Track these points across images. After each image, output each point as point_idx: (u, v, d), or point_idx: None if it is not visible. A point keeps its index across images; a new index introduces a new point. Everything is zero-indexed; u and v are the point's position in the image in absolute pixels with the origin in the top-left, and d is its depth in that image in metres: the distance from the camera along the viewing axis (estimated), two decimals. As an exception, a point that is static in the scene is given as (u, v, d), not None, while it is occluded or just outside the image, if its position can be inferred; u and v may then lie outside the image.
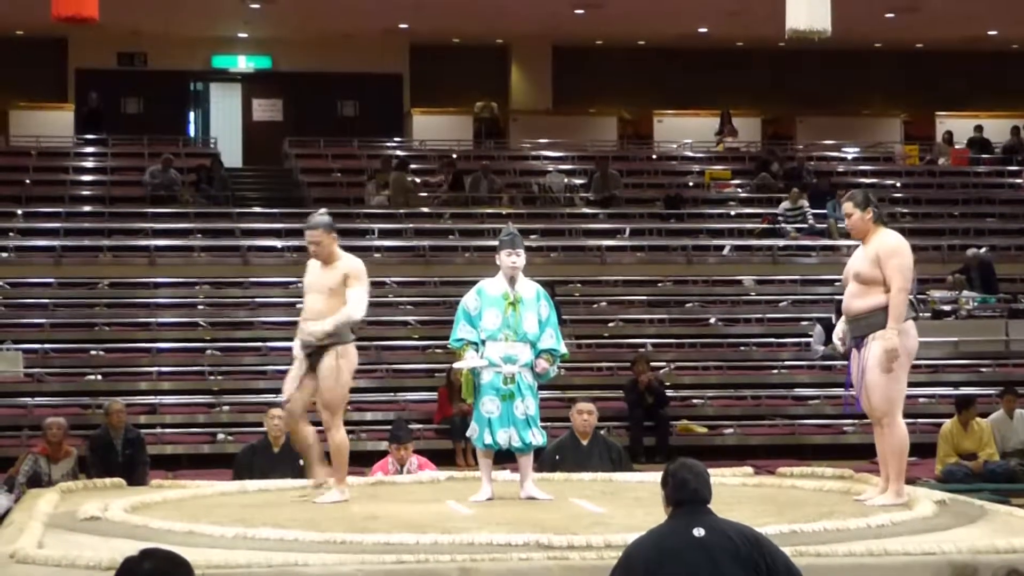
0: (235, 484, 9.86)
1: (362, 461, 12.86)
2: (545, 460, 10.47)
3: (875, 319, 8.30)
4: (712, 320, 20.39)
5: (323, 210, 9.28)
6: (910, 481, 9.78)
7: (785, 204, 23.61)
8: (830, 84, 29.95)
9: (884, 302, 8.28)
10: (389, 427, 11.88)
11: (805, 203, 23.57)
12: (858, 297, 8.38)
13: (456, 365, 9.42)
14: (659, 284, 21.47)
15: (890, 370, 8.26)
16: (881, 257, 8.30)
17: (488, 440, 8.89)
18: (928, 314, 20.08)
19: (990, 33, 28.02)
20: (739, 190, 25.62)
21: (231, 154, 27.83)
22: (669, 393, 17.34)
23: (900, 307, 8.23)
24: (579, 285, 21.23)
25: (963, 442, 14.62)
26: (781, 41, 15.20)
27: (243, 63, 29.56)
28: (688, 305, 20.91)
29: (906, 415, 8.66)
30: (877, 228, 8.43)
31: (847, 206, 8.49)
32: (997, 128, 28.68)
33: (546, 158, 26.83)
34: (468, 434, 9.11)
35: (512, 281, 8.99)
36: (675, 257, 22.25)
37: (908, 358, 8.40)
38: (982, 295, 20.92)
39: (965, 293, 20.90)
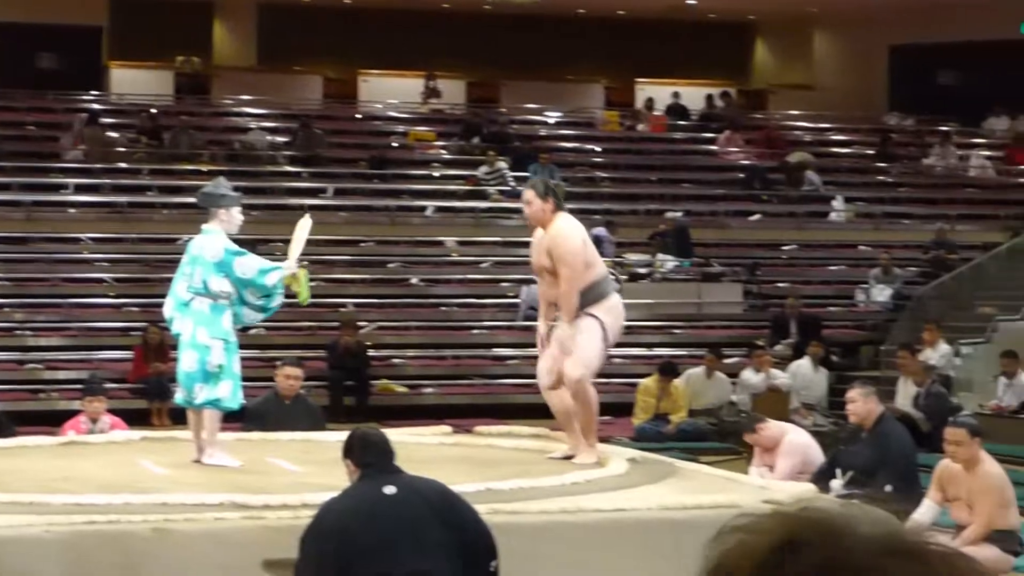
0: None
1: (54, 420, 12.58)
2: (249, 419, 10.32)
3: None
4: (414, 280, 20.45)
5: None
6: (604, 439, 9.98)
7: (483, 168, 23.78)
8: (535, 49, 30.17)
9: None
10: (81, 386, 11.62)
11: (503, 165, 23.75)
12: (553, 287, 8.32)
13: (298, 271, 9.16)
14: (362, 244, 21.43)
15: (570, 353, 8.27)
16: (550, 247, 8.21)
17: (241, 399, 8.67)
18: (625, 277, 20.49)
19: (689, 3, 28.63)
20: (443, 152, 25.71)
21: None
22: (370, 353, 17.34)
23: (571, 298, 8.15)
24: (281, 244, 21.00)
25: (660, 403, 15.08)
26: (487, 4, 15.27)
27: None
28: (391, 266, 20.93)
29: (602, 375, 8.84)
30: (556, 216, 8.26)
31: (528, 194, 8.29)
32: (694, 96, 29.31)
33: (249, 115, 26.49)
34: (219, 395, 8.40)
35: None
36: (379, 218, 22.23)
37: (613, 337, 8.44)
38: (677, 259, 21.39)
39: (660, 256, 21.34)
